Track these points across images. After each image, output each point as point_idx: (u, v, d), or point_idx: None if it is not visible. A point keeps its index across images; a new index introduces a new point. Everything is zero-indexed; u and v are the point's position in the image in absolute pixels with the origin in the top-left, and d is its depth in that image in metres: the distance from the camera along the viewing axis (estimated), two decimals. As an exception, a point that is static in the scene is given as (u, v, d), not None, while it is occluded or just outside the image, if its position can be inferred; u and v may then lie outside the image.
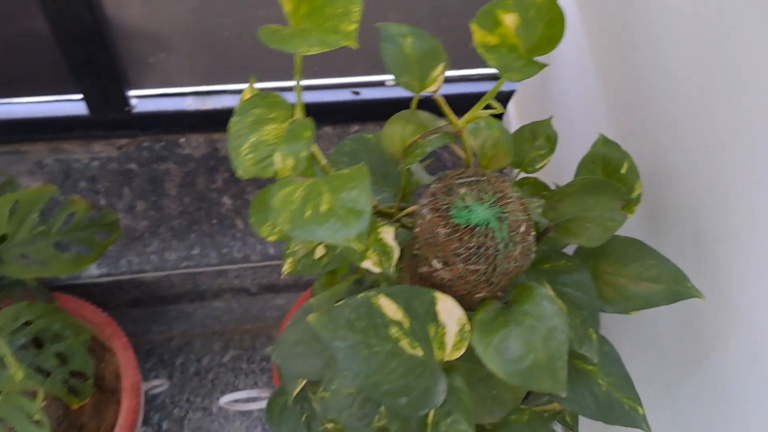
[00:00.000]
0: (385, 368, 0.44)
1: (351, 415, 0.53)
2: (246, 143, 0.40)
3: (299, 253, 0.52)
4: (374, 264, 0.45)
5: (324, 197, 0.37)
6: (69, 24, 0.81)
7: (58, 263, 0.57)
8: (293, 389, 0.64)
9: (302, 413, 0.75)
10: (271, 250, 0.98)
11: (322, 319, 0.44)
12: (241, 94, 1.01)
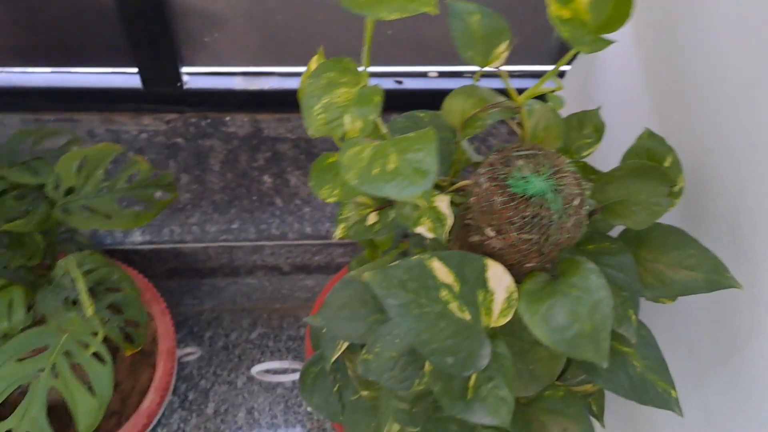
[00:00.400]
0: (434, 327, 0.46)
1: (392, 378, 0.55)
2: (318, 104, 0.42)
3: (352, 219, 0.54)
4: (428, 230, 0.47)
5: (391, 157, 0.40)
6: (134, 0, 0.84)
7: (121, 218, 0.60)
8: (331, 355, 0.66)
9: (335, 383, 0.77)
10: (308, 229, 1.00)
11: (377, 276, 0.46)
12: (288, 76, 1.03)
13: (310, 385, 0.78)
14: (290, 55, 1.01)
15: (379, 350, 0.55)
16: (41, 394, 0.46)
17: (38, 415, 0.46)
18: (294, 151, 1.06)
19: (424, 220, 0.47)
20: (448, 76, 1.07)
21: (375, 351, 0.55)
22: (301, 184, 1.03)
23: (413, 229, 0.47)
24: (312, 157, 1.05)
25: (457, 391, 0.50)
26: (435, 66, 1.06)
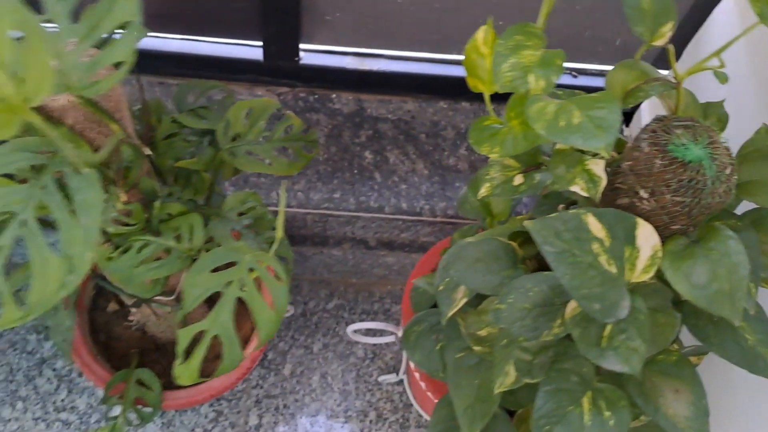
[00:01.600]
0: (584, 275, 0.51)
1: (523, 326, 0.60)
2: (506, 62, 0.48)
3: (497, 180, 0.60)
4: (581, 189, 0.53)
5: (575, 113, 0.45)
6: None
7: (278, 164, 0.66)
8: (448, 311, 0.72)
9: (437, 342, 0.83)
10: (404, 205, 1.06)
11: (537, 225, 0.51)
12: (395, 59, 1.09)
13: (413, 342, 0.84)
14: (402, 39, 1.07)
15: (512, 301, 0.60)
16: (230, 302, 0.52)
17: (226, 321, 0.52)
18: (394, 131, 1.12)
19: (578, 180, 0.53)
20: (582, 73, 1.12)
21: (508, 301, 0.60)
22: (399, 162, 1.09)
23: (568, 187, 0.53)
24: (410, 137, 1.11)
25: (593, 338, 0.55)
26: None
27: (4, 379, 1.20)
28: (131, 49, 0.39)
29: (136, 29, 0.39)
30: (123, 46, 0.39)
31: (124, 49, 0.38)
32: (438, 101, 1.14)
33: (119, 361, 0.95)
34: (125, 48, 0.38)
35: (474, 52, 0.56)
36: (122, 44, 0.39)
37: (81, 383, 1.21)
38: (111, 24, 0.39)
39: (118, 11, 0.39)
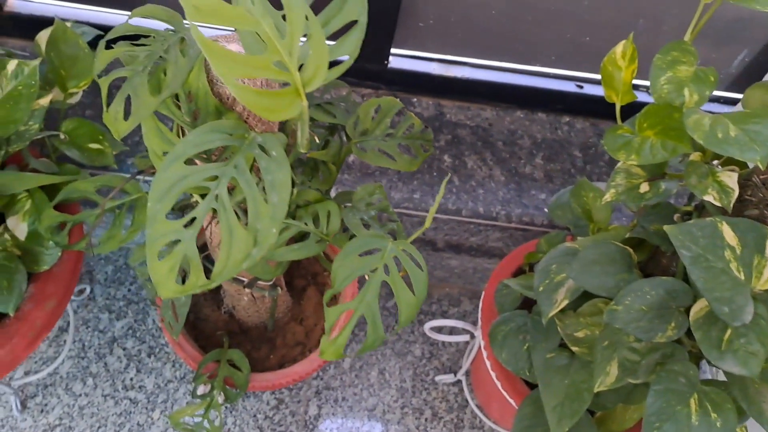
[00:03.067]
0: (716, 280, 0.55)
1: (638, 328, 0.63)
2: (663, 76, 0.51)
3: (622, 186, 0.63)
4: (715, 199, 0.56)
5: (730, 126, 0.48)
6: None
7: (401, 161, 0.70)
8: (549, 311, 0.75)
9: (524, 342, 0.86)
10: (481, 209, 1.10)
11: (675, 230, 0.55)
12: (479, 68, 1.12)
13: (499, 341, 0.87)
14: (487, 48, 1.11)
15: (629, 302, 0.63)
16: (376, 285, 0.56)
17: (372, 302, 0.56)
18: (472, 137, 1.15)
19: (710, 191, 0.56)
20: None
21: (625, 303, 0.63)
22: (477, 168, 1.13)
23: (702, 196, 0.56)
24: (488, 144, 1.15)
25: (714, 341, 0.58)
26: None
27: (77, 356, 1.24)
28: (357, 46, 0.43)
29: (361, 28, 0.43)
30: (350, 43, 0.43)
31: (350, 46, 0.42)
32: (515, 110, 1.18)
33: (205, 341, 0.99)
34: (352, 44, 0.42)
35: (611, 65, 0.60)
36: (349, 41, 0.43)
37: (149, 363, 1.24)
38: (340, 21, 0.43)
39: (347, 10, 0.43)
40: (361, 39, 0.44)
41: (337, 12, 0.43)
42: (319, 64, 0.34)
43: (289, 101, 0.33)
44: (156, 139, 0.60)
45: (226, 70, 0.30)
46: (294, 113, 0.32)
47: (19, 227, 0.81)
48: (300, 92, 0.33)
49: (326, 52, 0.33)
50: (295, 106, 0.33)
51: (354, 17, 0.44)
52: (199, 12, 0.30)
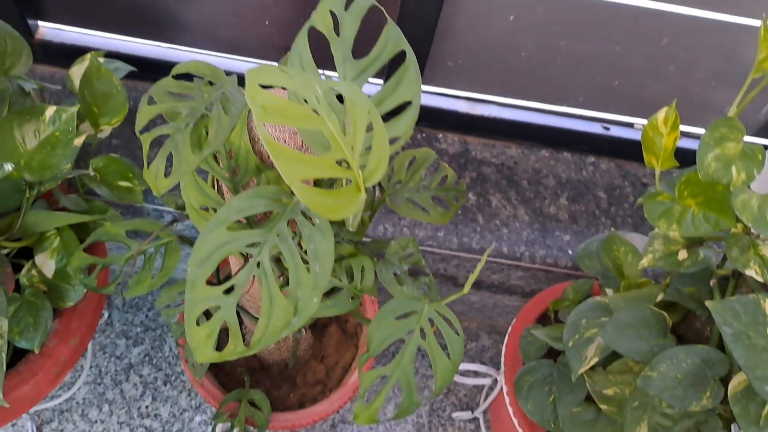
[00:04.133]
0: (758, 357, 0.54)
1: (674, 396, 0.62)
2: (711, 153, 0.51)
3: (659, 252, 0.63)
4: (757, 274, 0.55)
5: (780, 210, 0.48)
6: (413, 21, 0.95)
7: (435, 213, 0.70)
8: (579, 368, 0.74)
9: (550, 394, 0.85)
10: (505, 249, 1.09)
11: (717, 306, 0.54)
12: (505, 107, 1.12)
13: (525, 392, 0.86)
14: (514, 88, 1.11)
15: (664, 369, 0.62)
16: (412, 350, 0.55)
17: (408, 367, 0.55)
18: (497, 175, 1.15)
19: (752, 265, 0.55)
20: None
21: (660, 370, 0.63)
22: (501, 207, 1.12)
23: (743, 270, 0.55)
24: (512, 183, 1.14)
25: (753, 416, 0.57)
26: (641, 119, 1.14)
27: (93, 381, 1.24)
28: (410, 128, 0.42)
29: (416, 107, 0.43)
30: (403, 124, 0.42)
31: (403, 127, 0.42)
32: (540, 149, 1.17)
33: (225, 377, 0.99)
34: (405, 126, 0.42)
35: (653, 130, 0.59)
36: (402, 122, 0.43)
37: (165, 391, 1.24)
38: (393, 102, 0.43)
39: (401, 92, 0.43)
40: (414, 120, 0.44)
41: (391, 93, 0.43)
42: (380, 159, 0.34)
43: (351, 198, 0.32)
44: (194, 193, 0.60)
45: (292, 173, 0.30)
46: (356, 210, 0.32)
47: (47, 264, 0.81)
48: (361, 188, 0.33)
49: (387, 148, 0.33)
50: (357, 202, 0.33)
51: (408, 98, 0.44)
52: (266, 112, 0.30)
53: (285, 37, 1.06)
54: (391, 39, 0.45)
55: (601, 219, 1.13)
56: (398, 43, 0.45)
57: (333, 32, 0.44)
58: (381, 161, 0.34)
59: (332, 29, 0.44)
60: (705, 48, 1.00)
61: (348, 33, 0.45)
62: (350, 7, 0.45)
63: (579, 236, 1.11)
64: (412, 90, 0.43)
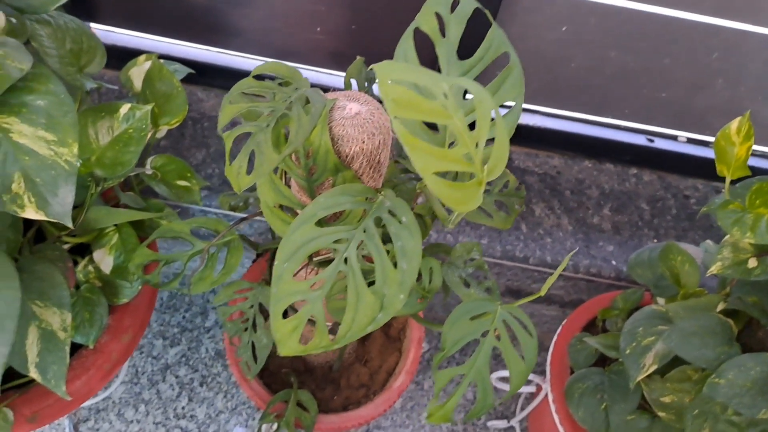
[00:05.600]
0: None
1: (741, 403, 0.62)
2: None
3: (728, 260, 0.63)
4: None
5: None
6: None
7: (498, 218, 0.70)
8: (637, 376, 0.74)
9: (602, 402, 0.85)
10: (548, 258, 1.09)
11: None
12: (549, 116, 1.12)
13: (576, 399, 0.86)
14: (560, 98, 1.11)
15: (732, 377, 0.62)
16: (487, 351, 0.56)
17: (482, 367, 0.55)
18: (540, 184, 1.15)
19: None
20: (696, 143, 1.15)
21: (728, 377, 0.62)
22: (545, 216, 1.12)
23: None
24: (555, 192, 1.15)
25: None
26: (686, 132, 1.14)
27: (130, 381, 1.25)
28: (512, 127, 0.43)
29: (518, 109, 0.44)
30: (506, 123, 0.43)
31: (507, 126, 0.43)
32: (583, 160, 1.18)
33: (269, 378, 0.99)
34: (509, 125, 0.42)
35: (725, 140, 0.60)
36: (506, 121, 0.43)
37: (201, 393, 1.25)
38: (496, 101, 0.44)
39: (503, 93, 0.44)
40: (516, 122, 0.44)
41: (493, 94, 0.44)
42: (500, 157, 0.34)
43: (474, 192, 0.33)
44: (270, 192, 0.60)
45: (425, 165, 0.30)
46: (477, 203, 0.33)
47: (105, 260, 0.82)
48: (483, 183, 0.34)
49: (507, 146, 0.34)
50: (479, 197, 0.33)
51: (510, 100, 0.44)
52: (397, 105, 0.31)
53: (335, 43, 1.07)
54: (495, 41, 0.46)
55: (644, 230, 1.13)
56: (501, 45, 0.46)
57: (438, 33, 0.45)
58: (501, 158, 0.34)
59: (437, 30, 0.45)
60: (754, 62, 1.01)
61: (453, 34, 0.46)
62: (455, 9, 0.46)
63: (622, 247, 1.11)
64: (514, 92, 0.44)
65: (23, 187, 0.55)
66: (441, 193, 0.32)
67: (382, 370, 1.02)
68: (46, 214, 0.55)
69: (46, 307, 0.70)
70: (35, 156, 0.56)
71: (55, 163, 0.56)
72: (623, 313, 0.92)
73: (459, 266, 0.68)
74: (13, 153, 0.55)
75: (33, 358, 0.68)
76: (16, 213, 0.54)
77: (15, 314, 0.61)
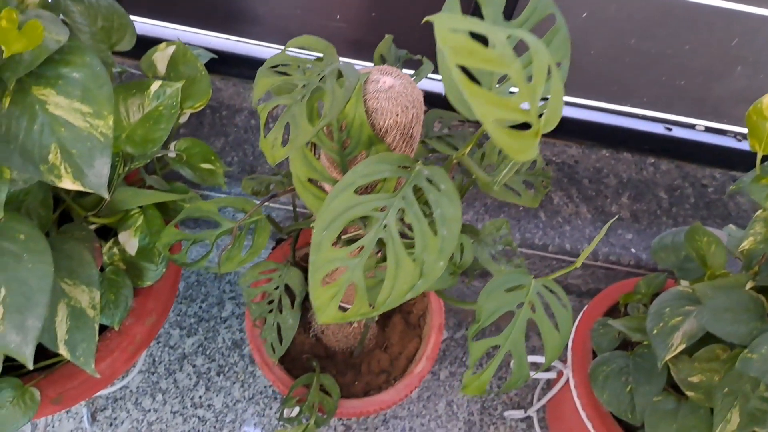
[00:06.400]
0: None
1: (774, 378, 0.62)
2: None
3: (761, 235, 0.63)
4: None
5: None
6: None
7: (526, 196, 0.70)
8: (664, 356, 0.74)
9: (627, 384, 0.84)
10: (567, 246, 1.09)
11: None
12: (571, 106, 1.11)
13: (601, 382, 0.86)
14: (579, 87, 1.12)
15: (765, 352, 0.62)
16: (522, 322, 0.56)
17: (518, 338, 0.55)
18: (558, 173, 1.15)
19: None
20: (713, 131, 1.15)
21: (761, 352, 0.62)
22: (563, 204, 1.12)
23: None
24: (573, 181, 1.15)
25: None
26: (703, 120, 1.14)
27: (147, 370, 1.25)
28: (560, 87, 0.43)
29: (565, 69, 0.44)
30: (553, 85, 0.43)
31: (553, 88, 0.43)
32: (601, 149, 1.18)
33: (290, 364, 0.99)
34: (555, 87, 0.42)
35: (757, 114, 0.60)
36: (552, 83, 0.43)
37: (218, 382, 1.25)
38: (543, 61, 0.44)
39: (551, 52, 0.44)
40: (563, 80, 0.44)
41: (540, 53, 0.44)
42: (555, 109, 0.34)
43: (531, 142, 0.33)
44: (302, 166, 0.61)
45: (486, 113, 0.31)
46: (534, 154, 0.33)
47: (131, 242, 0.82)
48: (539, 134, 0.34)
49: (562, 99, 0.34)
50: (535, 147, 0.33)
51: (558, 60, 0.45)
52: (456, 53, 0.31)
53: (355, 31, 1.07)
54: (540, 2, 0.46)
55: (662, 218, 1.13)
56: (547, 6, 0.46)
57: (483, -7, 0.46)
58: (556, 110, 0.35)
59: (482, -10, 0.46)
60: (774, 48, 1.01)
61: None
62: (501, -31, 0.46)
63: (641, 235, 1.11)
64: (561, 52, 0.44)
65: (60, 157, 0.55)
66: (500, 141, 0.32)
67: (403, 357, 1.01)
68: (82, 184, 0.55)
69: (75, 285, 0.70)
70: (71, 128, 0.56)
71: (91, 135, 0.56)
72: (646, 297, 0.92)
73: (489, 244, 0.68)
74: (50, 124, 0.56)
75: (62, 335, 0.68)
76: (53, 183, 0.54)
77: (47, 289, 0.61)
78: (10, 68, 0.55)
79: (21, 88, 0.56)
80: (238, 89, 1.18)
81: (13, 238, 0.61)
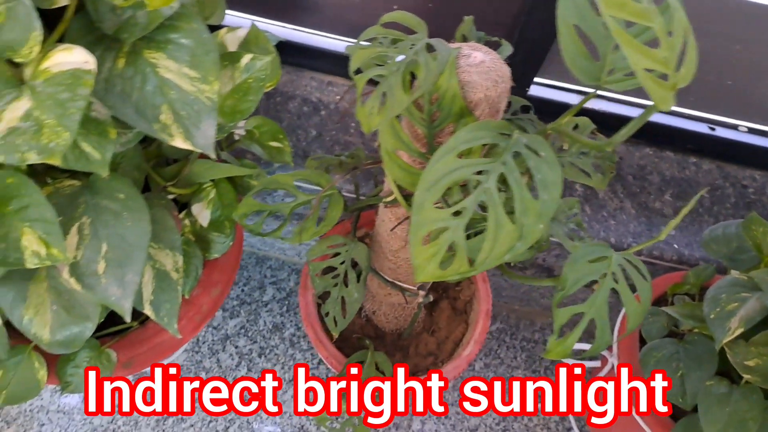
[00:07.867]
0: None
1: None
2: None
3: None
4: None
5: None
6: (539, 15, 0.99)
7: (596, 178, 0.73)
8: (723, 338, 0.76)
9: (678, 370, 0.87)
10: (612, 240, 1.11)
11: None
12: (615, 102, 1.13)
13: (651, 367, 0.88)
14: (627, 85, 1.14)
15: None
16: (605, 290, 0.58)
17: (602, 306, 0.58)
18: (602, 168, 1.18)
19: None
20: (757, 133, 1.17)
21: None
22: (608, 199, 1.15)
23: None
24: (618, 177, 1.17)
25: None
26: (747, 122, 1.17)
27: (191, 349, 1.27)
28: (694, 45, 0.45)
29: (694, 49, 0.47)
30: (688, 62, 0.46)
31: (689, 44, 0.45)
32: (644, 147, 1.20)
33: (340, 343, 1.01)
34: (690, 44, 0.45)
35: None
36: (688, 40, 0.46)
37: (260, 363, 1.27)
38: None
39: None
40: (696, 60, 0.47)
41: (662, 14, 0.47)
42: (690, 64, 0.37)
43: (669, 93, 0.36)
44: (390, 138, 0.63)
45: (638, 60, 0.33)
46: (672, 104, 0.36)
47: (203, 214, 0.85)
48: (676, 87, 0.37)
49: (696, 56, 0.36)
50: (672, 98, 0.36)
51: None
52: (608, 5, 0.34)
53: (412, 22, 1.10)
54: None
55: (704, 216, 1.15)
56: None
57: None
58: (691, 65, 0.37)
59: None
60: (822, 52, 1.03)
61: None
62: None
63: (683, 232, 1.13)
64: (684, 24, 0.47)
65: (171, 117, 0.58)
66: (649, 87, 0.35)
67: (449, 341, 1.04)
68: (193, 144, 0.58)
69: (159, 248, 0.72)
70: (180, 91, 0.59)
71: (198, 99, 0.59)
72: (695, 288, 0.94)
73: (561, 221, 0.70)
74: (160, 87, 0.59)
75: (148, 296, 0.71)
76: (165, 141, 0.57)
77: (145, 246, 0.64)
78: (127, 30, 0.58)
79: (133, 50, 0.59)
80: (292, 77, 1.21)
81: (113, 197, 0.63)
